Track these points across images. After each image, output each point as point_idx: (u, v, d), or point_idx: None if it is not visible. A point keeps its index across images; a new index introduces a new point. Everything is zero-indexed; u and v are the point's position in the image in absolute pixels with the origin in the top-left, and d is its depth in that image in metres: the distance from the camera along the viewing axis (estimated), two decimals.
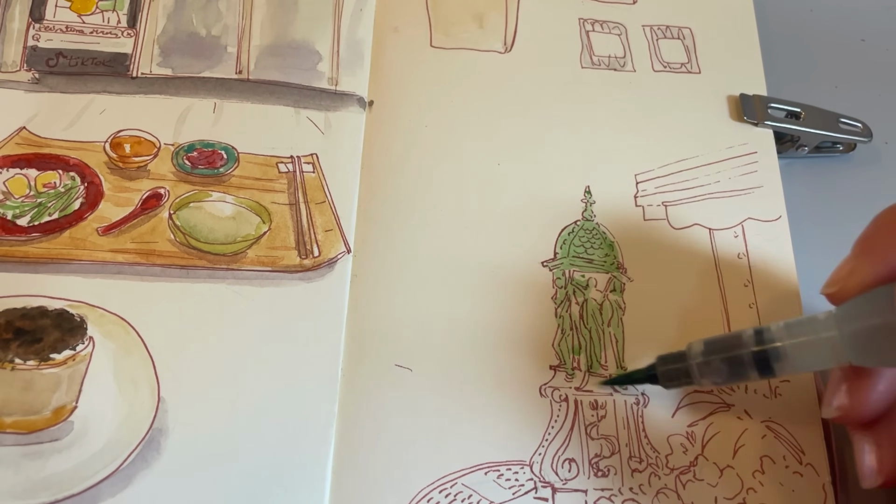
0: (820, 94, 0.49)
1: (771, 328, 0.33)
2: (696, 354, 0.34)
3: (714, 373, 0.33)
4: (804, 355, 0.32)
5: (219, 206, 0.40)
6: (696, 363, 0.34)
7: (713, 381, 0.34)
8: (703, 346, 0.34)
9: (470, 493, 0.35)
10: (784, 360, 0.32)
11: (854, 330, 0.30)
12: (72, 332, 0.36)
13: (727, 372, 0.33)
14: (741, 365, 0.33)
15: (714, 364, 0.33)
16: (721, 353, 0.33)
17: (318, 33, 0.46)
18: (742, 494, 0.35)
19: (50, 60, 0.43)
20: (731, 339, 0.33)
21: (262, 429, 0.35)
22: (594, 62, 0.47)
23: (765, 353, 0.32)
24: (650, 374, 0.35)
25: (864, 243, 0.32)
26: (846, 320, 0.30)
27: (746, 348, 0.33)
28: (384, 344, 0.38)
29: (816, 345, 0.31)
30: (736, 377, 0.33)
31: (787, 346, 0.32)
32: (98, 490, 0.33)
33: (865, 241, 0.32)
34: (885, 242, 0.31)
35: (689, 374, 0.34)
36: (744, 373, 0.33)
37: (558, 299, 0.39)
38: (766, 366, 0.32)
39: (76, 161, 0.41)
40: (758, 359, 0.32)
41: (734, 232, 0.42)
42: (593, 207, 0.42)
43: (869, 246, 0.32)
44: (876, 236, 0.32)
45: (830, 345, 0.31)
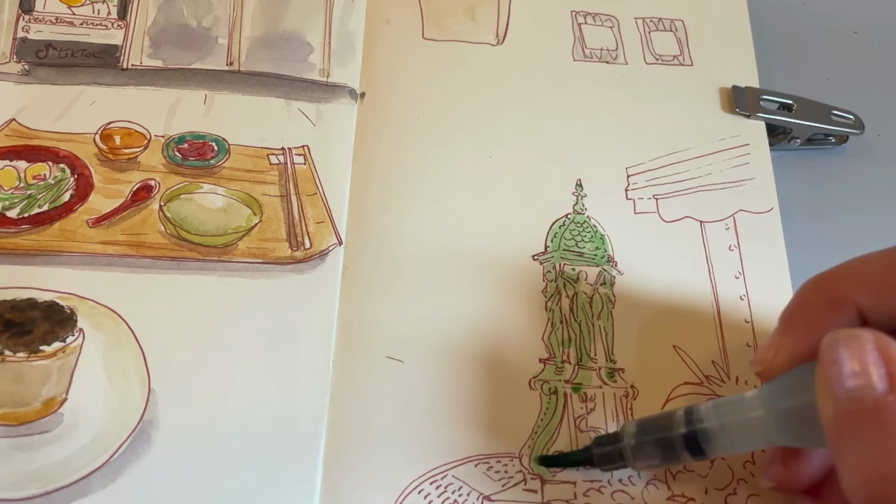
0: (812, 86, 0.49)
1: (700, 408, 0.32)
2: (629, 435, 0.33)
3: (647, 456, 0.32)
4: (733, 436, 0.31)
5: (209, 198, 0.40)
6: (630, 445, 0.33)
7: (647, 463, 0.33)
8: (635, 426, 0.33)
9: (460, 485, 0.35)
10: (714, 441, 0.31)
11: (778, 410, 0.29)
12: (62, 323, 0.36)
13: (660, 455, 0.32)
14: (672, 447, 0.32)
15: (646, 447, 0.32)
16: (652, 434, 0.32)
17: (309, 25, 0.45)
18: (733, 485, 0.35)
19: (40, 52, 0.43)
20: (663, 419, 0.32)
21: (252, 420, 0.35)
22: (586, 55, 0.47)
23: (694, 434, 0.31)
24: (587, 457, 0.34)
25: (787, 319, 0.31)
26: (771, 399, 0.30)
27: (676, 430, 0.32)
28: (375, 336, 0.38)
29: (745, 425, 0.30)
30: (669, 460, 0.32)
31: (714, 427, 0.31)
32: (88, 482, 0.33)
33: (788, 316, 0.31)
34: (806, 318, 0.30)
35: (623, 457, 0.33)
36: (675, 455, 0.32)
37: (548, 293, 0.39)
38: (696, 447, 0.31)
39: (66, 153, 0.41)
40: (688, 440, 0.31)
41: (725, 224, 0.42)
42: (584, 200, 0.42)
43: (790, 322, 0.31)
44: (798, 312, 0.31)
45: (758, 425, 0.30)
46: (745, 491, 0.35)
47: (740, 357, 0.39)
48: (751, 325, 0.39)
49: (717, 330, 0.39)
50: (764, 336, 0.39)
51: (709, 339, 0.39)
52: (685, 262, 0.41)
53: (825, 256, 0.43)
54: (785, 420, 0.29)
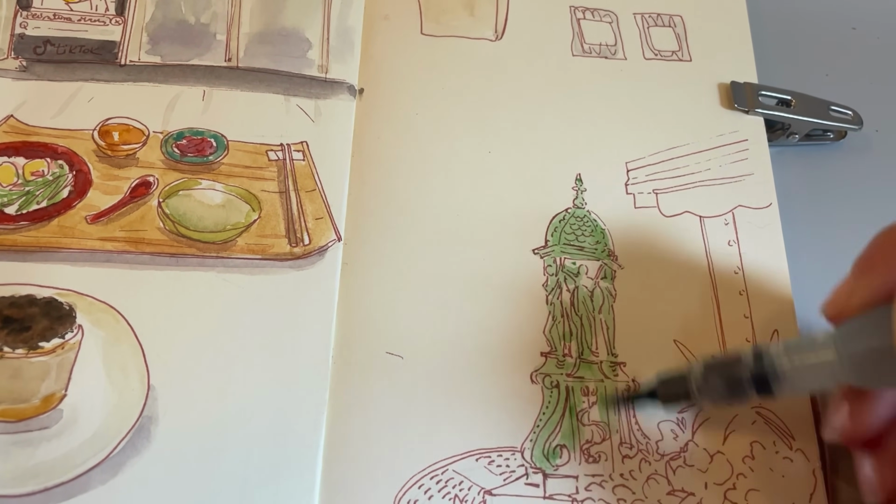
0: (811, 82, 0.49)
1: (770, 349, 0.32)
2: (696, 374, 0.34)
3: (714, 392, 0.33)
4: (803, 377, 0.31)
5: (208, 194, 0.40)
6: (697, 383, 0.33)
7: (712, 399, 0.34)
8: (702, 366, 0.34)
9: (461, 480, 0.35)
10: (783, 381, 0.32)
11: (853, 352, 0.30)
12: (61, 320, 0.36)
13: (726, 392, 0.33)
14: (740, 386, 0.32)
15: (714, 384, 0.33)
16: (721, 374, 0.33)
17: (307, 21, 0.45)
18: (732, 480, 0.35)
19: (38, 48, 0.43)
20: (731, 359, 0.33)
21: (252, 416, 0.35)
22: (585, 50, 0.47)
23: (764, 374, 0.32)
24: (651, 394, 0.35)
25: (862, 264, 0.31)
26: (845, 342, 0.30)
27: (746, 370, 0.32)
28: (375, 331, 0.38)
29: (815, 367, 0.31)
30: (735, 397, 0.33)
31: (786, 368, 0.32)
32: (88, 477, 0.33)
33: (864, 261, 0.31)
34: (883, 263, 0.30)
35: (688, 395, 0.34)
36: (743, 393, 0.33)
37: (549, 286, 0.39)
38: (765, 386, 0.32)
39: (64, 149, 0.41)
40: (757, 380, 0.32)
41: (725, 219, 0.42)
42: (584, 195, 0.42)
43: (868, 266, 0.31)
44: (875, 257, 0.31)
45: (829, 367, 0.30)
46: (745, 486, 0.35)
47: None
48: (750, 319, 0.39)
49: (717, 324, 0.39)
50: (763, 330, 0.39)
51: (708, 334, 0.39)
52: (685, 256, 0.41)
53: (824, 251, 0.44)
54: (860, 361, 0.29)
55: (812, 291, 0.41)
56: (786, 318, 0.39)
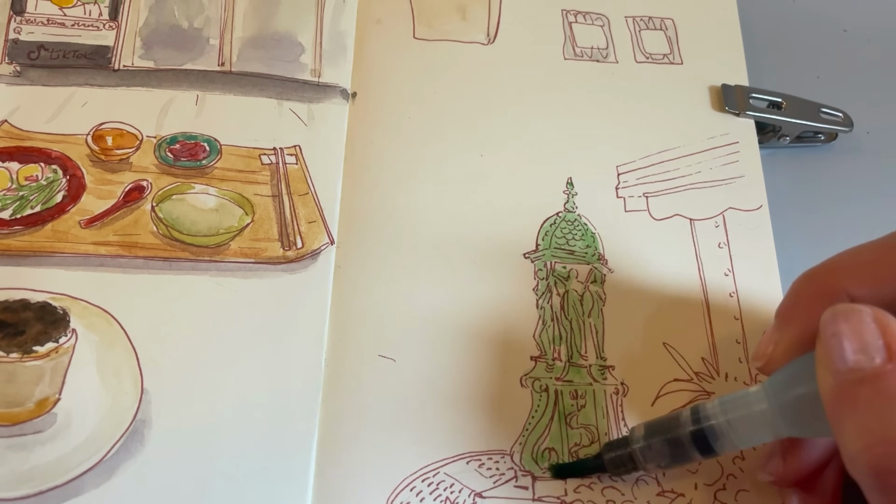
0: (802, 84, 0.49)
1: (706, 405, 0.32)
2: (638, 438, 0.33)
3: (657, 456, 0.33)
4: (741, 430, 0.31)
5: (201, 199, 0.40)
6: (639, 447, 0.33)
7: (657, 464, 0.33)
8: (643, 429, 0.33)
9: (452, 482, 0.35)
10: (722, 437, 0.31)
11: (783, 401, 0.30)
12: (54, 324, 0.36)
13: (669, 454, 0.33)
14: (681, 446, 0.32)
15: (655, 447, 0.33)
16: (661, 435, 0.33)
17: (300, 25, 0.46)
18: (722, 480, 0.36)
19: (31, 53, 0.43)
20: (670, 420, 0.33)
21: (245, 419, 0.35)
22: (577, 53, 0.47)
23: (702, 431, 0.32)
24: (599, 463, 0.35)
25: (784, 312, 0.32)
26: (775, 391, 0.30)
27: (684, 428, 0.32)
28: (367, 335, 0.38)
29: (751, 419, 0.31)
30: (679, 459, 0.33)
31: (722, 424, 0.31)
32: (82, 481, 0.33)
33: (785, 309, 0.32)
34: (803, 309, 0.31)
35: (633, 460, 0.33)
36: (685, 454, 0.32)
37: (539, 290, 0.40)
38: (705, 445, 0.32)
39: (58, 154, 0.41)
40: (696, 438, 0.32)
41: (715, 222, 0.42)
42: (575, 199, 0.42)
43: (787, 315, 0.32)
44: (795, 304, 0.31)
45: (764, 417, 0.30)
46: (735, 486, 0.36)
47: (730, 354, 0.39)
48: (740, 321, 0.40)
49: (707, 327, 0.39)
50: (753, 333, 0.39)
51: (699, 337, 0.39)
52: (675, 259, 0.41)
53: (814, 253, 0.43)
54: (790, 410, 0.29)
55: None
56: None
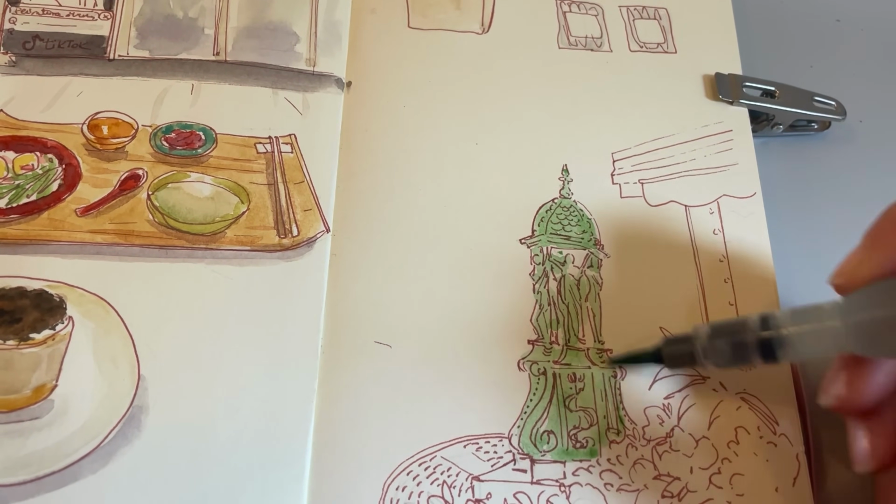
0: (795, 73, 0.49)
1: (777, 315, 0.33)
2: (702, 337, 0.34)
3: (718, 355, 0.34)
4: (808, 343, 0.32)
5: (197, 187, 0.41)
6: (702, 346, 0.34)
7: (717, 363, 0.34)
8: (708, 329, 0.34)
9: (449, 466, 0.35)
10: (788, 346, 0.32)
11: (859, 321, 0.30)
12: (51, 311, 0.36)
13: (731, 356, 0.33)
14: (745, 350, 0.33)
15: (719, 347, 0.34)
16: (726, 337, 0.34)
17: (295, 15, 0.46)
18: (717, 464, 0.36)
19: (27, 43, 0.43)
20: (737, 323, 0.34)
21: (242, 406, 0.35)
22: (571, 43, 0.47)
23: (769, 339, 0.32)
24: (656, 355, 0.36)
25: (873, 235, 0.31)
26: (851, 311, 0.30)
27: (752, 334, 0.33)
28: (364, 321, 0.38)
29: (820, 333, 0.31)
30: (740, 361, 0.33)
31: (791, 334, 0.32)
32: (79, 467, 0.33)
33: (875, 233, 0.31)
34: (893, 235, 0.31)
35: (693, 357, 0.34)
36: (747, 357, 0.33)
37: (536, 275, 0.40)
38: (769, 352, 0.33)
39: (54, 143, 0.41)
40: (762, 344, 0.33)
41: (710, 208, 0.43)
42: (570, 185, 0.42)
43: (878, 238, 0.31)
44: (885, 229, 0.31)
45: (834, 334, 0.31)
46: (730, 470, 0.36)
47: None
48: (734, 307, 0.40)
49: (702, 312, 0.40)
50: None
51: (694, 321, 0.39)
52: (670, 245, 0.41)
53: (807, 240, 0.44)
54: (865, 330, 0.30)
55: (795, 279, 0.41)
56: (770, 305, 0.40)
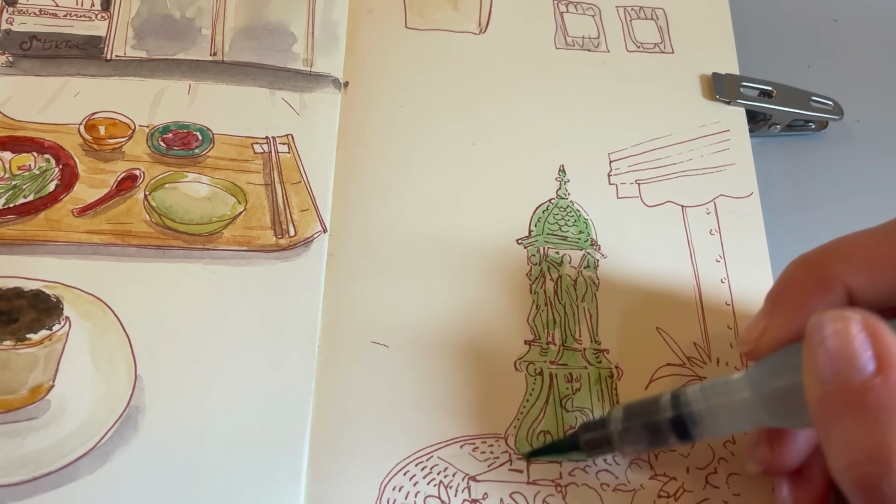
0: (792, 73, 0.49)
1: (687, 391, 0.32)
2: (616, 420, 0.33)
3: (634, 440, 0.32)
4: (720, 418, 0.31)
5: (194, 187, 0.41)
6: (617, 430, 0.33)
7: (634, 448, 0.33)
8: (622, 411, 0.33)
9: (446, 466, 0.35)
10: (701, 424, 0.31)
11: (766, 391, 0.29)
12: (48, 312, 0.36)
13: (647, 439, 0.32)
14: (659, 431, 0.32)
15: (633, 431, 0.32)
16: (639, 419, 0.32)
17: (292, 15, 0.46)
18: (714, 464, 0.36)
19: (24, 44, 0.43)
20: (650, 403, 0.33)
21: (239, 406, 0.35)
22: (568, 43, 0.47)
23: (681, 417, 0.31)
24: (573, 443, 0.34)
25: (774, 299, 0.31)
26: (758, 381, 0.29)
27: (663, 414, 0.32)
28: (360, 321, 0.38)
29: (732, 407, 0.30)
30: (656, 444, 0.32)
31: (702, 410, 0.31)
32: (76, 467, 0.33)
33: (775, 296, 0.31)
34: (794, 298, 0.30)
35: (610, 442, 0.33)
36: (663, 439, 0.32)
37: (533, 276, 0.40)
38: (684, 431, 0.31)
39: (51, 143, 0.41)
40: (675, 423, 0.31)
41: (706, 209, 0.43)
42: (567, 186, 0.42)
43: (779, 302, 0.30)
44: (785, 292, 0.30)
45: (745, 406, 0.30)
46: (726, 470, 0.36)
47: (721, 339, 0.39)
48: (731, 307, 0.40)
49: (699, 312, 0.40)
50: (744, 319, 0.40)
51: (691, 322, 0.39)
52: (667, 245, 0.41)
53: (804, 240, 0.44)
54: (772, 401, 0.29)
55: None
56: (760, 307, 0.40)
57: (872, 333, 0.25)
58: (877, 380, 0.25)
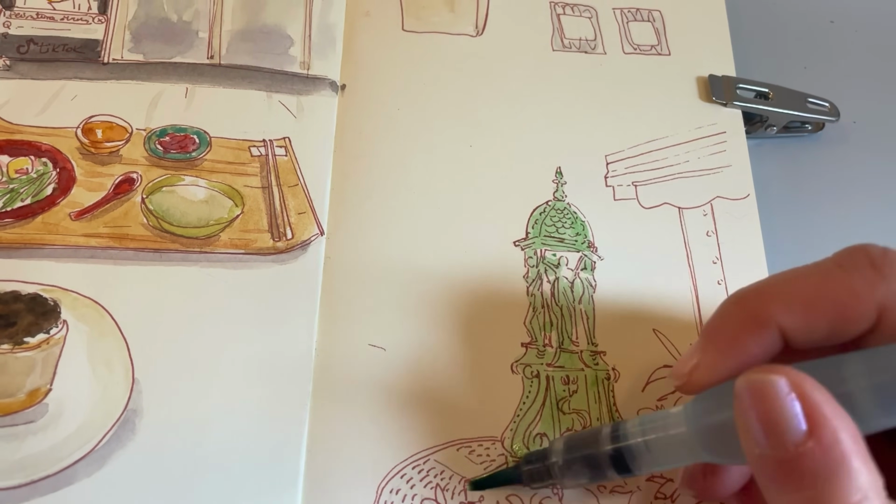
0: (789, 74, 0.49)
1: (626, 424, 0.31)
2: (557, 453, 0.33)
3: (575, 474, 0.32)
4: (658, 452, 0.30)
5: (191, 190, 0.41)
6: (557, 463, 0.32)
7: (575, 482, 0.32)
8: (563, 443, 0.33)
9: (442, 469, 0.35)
10: (639, 458, 0.31)
11: (700, 427, 0.28)
12: (45, 315, 0.36)
13: (588, 473, 0.32)
14: (598, 466, 0.31)
15: (574, 465, 0.32)
16: (579, 451, 0.32)
17: (289, 18, 0.46)
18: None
19: (21, 47, 0.43)
20: (590, 435, 0.32)
21: (236, 409, 0.35)
22: (565, 45, 0.47)
23: (620, 451, 0.31)
24: (517, 475, 0.34)
25: (708, 335, 0.30)
26: (693, 417, 0.29)
27: (602, 447, 0.31)
28: (358, 324, 0.38)
29: (669, 441, 0.30)
30: (596, 478, 0.32)
31: (639, 444, 0.30)
32: (74, 470, 0.33)
33: (710, 332, 0.30)
34: (728, 335, 0.29)
35: (551, 474, 0.33)
36: (602, 473, 0.32)
37: (530, 278, 0.40)
38: (622, 464, 0.31)
39: (48, 147, 0.41)
40: (614, 457, 0.31)
41: (703, 210, 0.43)
42: (564, 188, 0.43)
43: (713, 338, 0.29)
44: (719, 328, 0.29)
45: (682, 442, 0.29)
46: None
47: None
48: None
49: (696, 314, 0.40)
50: None
51: (687, 323, 0.39)
52: (664, 247, 0.41)
53: (800, 242, 0.44)
54: (707, 437, 0.28)
55: None
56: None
57: (800, 394, 0.25)
58: (809, 443, 0.24)
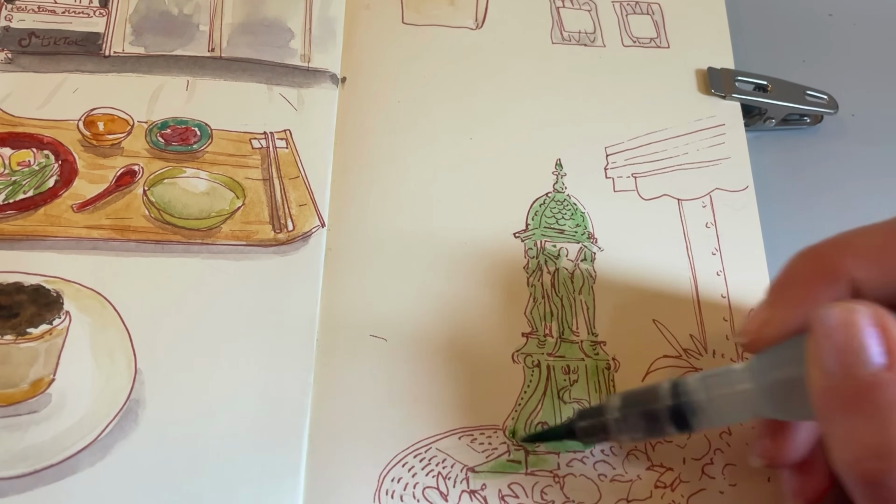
0: (787, 67, 0.49)
1: (687, 381, 0.31)
2: (613, 409, 0.33)
3: (631, 428, 0.32)
4: (720, 409, 0.30)
5: (193, 182, 0.41)
6: (614, 418, 0.33)
7: (631, 436, 0.33)
8: (619, 399, 0.33)
9: (444, 458, 0.35)
10: (700, 414, 0.31)
11: (767, 383, 0.29)
12: (48, 306, 0.36)
13: (644, 427, 0.32)
14: (657, 420, 0.31)
15: (631, 419, 0.32)
16: (637, 407, 0.32)
17: (290, 11, 0.46)
18: (710, 455, 0.36)
19: (23, 40, 0.44)
20: (648, 392, 0.32)
21: (238, 399, 0.36)
22: (564, 38, 0.48)
23: (680, 407, 0.31)
24: (570, 430, 0.34)
25: (777, 291, 0.30)
26: (760, 373, 0.29)
27: (662, 402, 0.31)
28: (359, 315, 0.38)
29: (732, 398, 0.30)
30: (653, 433, 0.32)
31: (702, 400, 0.31)
32: (76, 460, 0.33)
33: (779, 288, 0.30)
34: (798, 290, 0.29)
35: (606, 430, 0.33)
36: (660, 428, 0.32)
37: (530, 269, 0.40)
38: (682, 420, 0.31)
39: (50, 139, 0.41)
40: (674, 413, 0.31)
41: (702, 202, 0.43)
42: (564, 180, 0.43)
43: (781, 294, 0.29)
44: (790, 284, 0.30)
45: (746, 398, 0.29)
46: (722, 461, 0.36)
47: (717, 331, 0.39)
48: (727, 299, 0.40)
49: (695, 304, 0.40)
50: (740, 311, 0.40)
51: (687, 314, 0.40)
52: (663, 238, 0.42)
53: (799, 233, 0.44)
54: (774, 393, 0.28)
55: None
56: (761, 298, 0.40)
57: (882, 326, 0.25)
58: (886, 374, 0.24)
